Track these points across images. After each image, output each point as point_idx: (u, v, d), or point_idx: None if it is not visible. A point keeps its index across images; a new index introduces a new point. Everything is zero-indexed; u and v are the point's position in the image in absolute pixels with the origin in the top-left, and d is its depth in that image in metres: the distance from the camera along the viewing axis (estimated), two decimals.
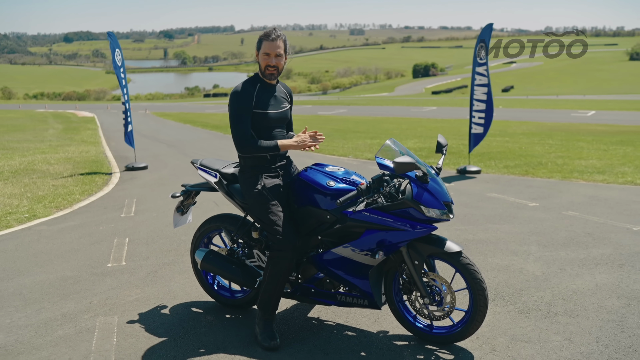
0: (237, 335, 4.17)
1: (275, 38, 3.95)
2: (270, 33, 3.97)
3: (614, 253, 5.80)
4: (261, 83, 4.05)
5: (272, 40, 3.95)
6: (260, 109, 3.97)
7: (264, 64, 3.99)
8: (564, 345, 3.82)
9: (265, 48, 3.95)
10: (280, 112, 4.11)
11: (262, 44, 3.97)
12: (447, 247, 3.69)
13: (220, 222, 4.56)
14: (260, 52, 4.00)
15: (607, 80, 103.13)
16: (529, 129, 22.65)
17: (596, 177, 10.31)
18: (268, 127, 4.03)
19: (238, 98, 3.93)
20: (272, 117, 4.03)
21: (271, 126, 4.04)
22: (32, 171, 12.28)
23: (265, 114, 3.98)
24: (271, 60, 3.96)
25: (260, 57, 4.01)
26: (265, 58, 3.97)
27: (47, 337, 4.17)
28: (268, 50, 3.95)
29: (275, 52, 3.95)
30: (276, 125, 4.08)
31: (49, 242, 6.76)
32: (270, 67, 3.98)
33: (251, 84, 4.03)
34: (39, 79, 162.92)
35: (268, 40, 3.95)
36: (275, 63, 3.97)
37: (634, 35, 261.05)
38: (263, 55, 3.98)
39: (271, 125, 4.04)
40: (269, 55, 3.96)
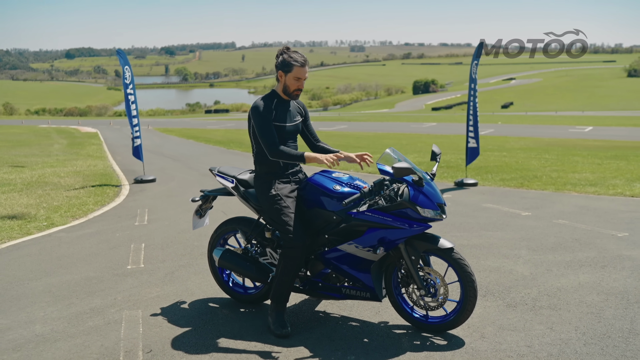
0: (252, 325, 4.62)
1: (305, 63, 4.40)
2: (300, 58, 4.39)
3: (597, 256, 6.24)
4: (278, 99, 4.49)
5: (302, 66, 4.38)
6: (278, 122, 4.43)
7: (294, 86, 4.43)
8: (546, 333, 4.26)
9: (297, 73, 4.38)
10: (295, 124, 4.57)
11: (294, 68, 4.37)
12: (440, 244, 4.15)
13: (236, 224, 5.02)
14: (290, 75, 4.39)
15: (605, 96, 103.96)
16: (526, 144, 23.15)
17: (588, 189, 10.76)
18: (283, 138, 4.48)
19: (261, 110, 4.36)
20: (288, 129, 4.50)
21: (286, 137, 4.50)
22: (44, 184, 12.73)
23: (283, 127, 4.45)
24: (302, 84, 4.43)
25: (289, 80, 4.41)
26: (296, 82, 4.41)
27: (79, 327, 4.62)
28: (299, 75, 4.39)
29: (305, 76, 4.42)
30: (289, 137, 4.54)
31: (70, 247, 7.21)
32: (298, 90, 4.46)
33: (269, 99, 4.46)
34: (40, 94, 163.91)
35: (299, 66, 4.37)
36: (302, 87, 4.45)
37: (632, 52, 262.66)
38: (294, 79, 4.40)
39: (286, 137, 4.50)
40: (299, 79, 4.41)
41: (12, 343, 4.34)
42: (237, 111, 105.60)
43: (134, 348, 4.21)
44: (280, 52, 4.49)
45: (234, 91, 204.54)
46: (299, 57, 4.40)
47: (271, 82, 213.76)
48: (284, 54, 4.46)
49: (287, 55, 4.42)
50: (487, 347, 4.05)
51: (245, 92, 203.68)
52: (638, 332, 4.23)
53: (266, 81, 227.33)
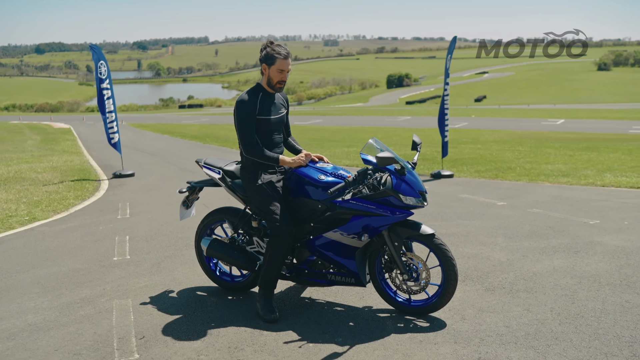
0: (240, 311, 4.76)
1: (288, 56, 4.54)
2: (286, 53, 4.53)
3: (571, 242, 6.48)
4: (263, 92, 4.63)
5: (285, 58, 4.52)
6: (262, 116, 4.56)
7: (277, 78, 4.56)
8: (523, 314, 4.47)
9: (280, 65, 4.51)
10: (279, 117, 4.72)
11: (277, 61, 4.50)
12: (422, 230, 4.33)
13: (223, 214, 5.15)
14: (273, 67, 4.52)
15: (576, 90, 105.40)
16: (500, 137, 23.51)
17: (560, 180, 11.05)
18: (268, 130, 4.64)
19: (244, 107, 4.50)
20: (273, 121, 4.64)
21: (271, 129, 4.66)
22: (21, 179, 12.70)
23: (268, 120, 4.59)
24: (285, 76, 4.56)
25: (272, 72, 4.54)
26: (279, 74, 4.54)
27: (71, 316, 4.72)
28: (282, 67, 4.52)
29: (288, 68, 4.56)
30: (275, 128, 4.70)
31: (54, 241, 7.28)
32: (282, 82, 4.59)
33: (254, 93, 4.59)
34: (10, 90, 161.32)
35: (282, 58, 4.50)
36: (286, 78, 4.59)
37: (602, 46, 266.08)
38: (277, 71, 4.53)
39: (271, 129, 4.66)
40: (282, 71, 4.54)
41: (6, 332, 4.43)
42: (211, 106, 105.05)
43: (126, 335, 4.33)
44: (264, 45, 4.62)
45: (207, 86, 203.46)
46: (282, 49, 4.54)
47: (245, 76, 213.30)
48: (267, 47, 4.58)
49: (271, 48, 4.56)
50: (467, 328, 4.25)
51: (219, 86, 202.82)
52: (609, 311, 4.46)
53: (240, 76, 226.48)
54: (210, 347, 4.10)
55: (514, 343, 3.97)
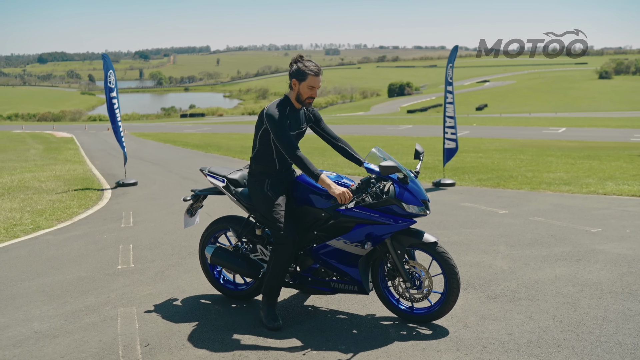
0: (244, 319, 4.80)
1: (319, 73, 4.52)
2: (314, 68, 4.49)
3: (572, 250, 6.51)
4: (290, 107, 4.62)
5: (317, 75, 4.49)
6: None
7: (307, 95, 4.53)
8: (525, 322, 4.50)
9: (312, 82, 4.49)
10: (300, 131, 4.74)
11: (308, 77, 4.47)
12: (424, 238, 4.37)
13: (227, 222, 5.19)
14: (304, 83, 4.49)
15: (577, 98, 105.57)
16: (501, 146, 23.57)
17: (562, 188, 11.09)
18: None
19: (278, 118, 4.46)
20: (294, 136, 4.64)
21: None
22: (25, 188, 12.75)
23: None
24: (315, 93, 4.56)
25: (303, 88, 4.51)
26: (309, 90, 4.52)
27: (77, 324, 4.75)
28: (313, 84, 4.50)
29: (319, 85, 4.55)
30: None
31: (59, 249, 7.32)
32: (311, 99, 4.57)
33: (283, 106, 4.56)
34: (12, 100, 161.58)
35: (314, 75, 4.47)
36: (315, 95, 4.58)
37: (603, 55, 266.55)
38: (308, 87, 4.50)
39: None
40: (313, 88, 4.52)
41: (12, 340, 4.47)
42: (213, 115, 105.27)
43: (131, 342, 4.36)
44: (295, 60, 4.59)
45: (209, 95, 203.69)
46: (313, 66, 4.51)
47: (246, 85, 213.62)
48: (298, 62, 4.55)
49: (302, 64, 4.52)
50: (470, 336, 4.28)
51: (221, 95, 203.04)
52: (611, 319, 4.49)
53: (241, 85, 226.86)
54: (214, 354, 4.14)
55: (516, 350, 3.99)
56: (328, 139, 4.95)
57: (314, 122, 4.88)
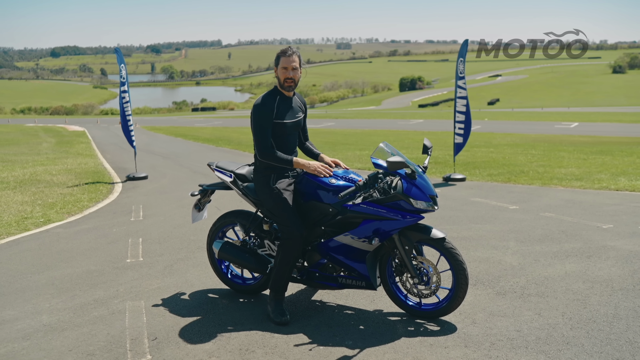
0: (252, 314, 4.80)
1: (291, 54, 4.62)
2: (287, 50, 4.64)
3: (583, 247, 6.46)
4: (280, 95, 4.69)
5: (288, 55, 4.61)
6: (279, 119, 4.62)
7: (283, 77, 4.63)
8: (534, 319, 4.47)
9: (283, 63, 4.60)
10: (296, 121, 4.77)
11: (280, 59, 4.62)
12: (432, 234, 4.34)
13: (234, 217, 5.19)
14: (278, 67, 4.64)
15: (591, 92, 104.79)
16: (513, 140, 23.45)
17: (574, 183, 11.02)
18: (284, 134, 4.69)
19: (261, 111, 4.58)
20: (289, 125, 4.70)
21: (287, 133, 4.72)
22: (36, 181, 12.82)
23: (284, 124, 4.65)
24: (289, 73, 4.61)
25: (279, 72, 4.65)
26: (284, 72, 4.62)
27: (85, 317, 4.77)
28: (285, 65, 4.60)
29: (292, 65, 4.61)
30: (290, 132, 4.75)
31: (69, 242, 7.35)
32: (289, 80, 4.63)
33: (272, 96, 4.67)
34: (26, 93, 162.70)
35: (285, 56, 4.61)
36: (292, 76, 4.63)
37: (617, 49, 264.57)
38: (281, 69, 4.62)
39: (287, 133, 4.72)
40: (286, 69, 4.60)
41: (22, 332, 4.49)
42: (224, 109, 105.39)
43: (139, 336, 4.37)
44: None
45: (220, 89, 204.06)
46: (286, 49, 4.66)
47: (257, 79, 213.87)
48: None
49: (280, 51, 4.68)
50: (478, 332, 4.25)
51: (232, 89, 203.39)
52: (621, 316, 4.44)
53: (252, 79, 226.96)
54: (221, 348, 4.14)
55: (524, 347, 3.97)
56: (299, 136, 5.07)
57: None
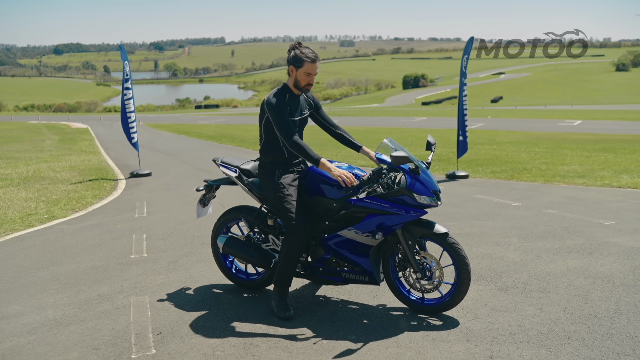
0: (256, 309, 4.83)
1: (316, 59, 4.59)
2: (314, 56, 4.57)
3: (585, 243, 6.48)
4: (289, 93, 4.68)
5: (313, 61, 4.56)
6: (289, 117, 4.61)
7: (305, 81, 4.60)
8: (536, 314, 4.49)
9: (308, 69, 4.56)
10: (302, 118, 4.79)
11: (305, 64, 4.54)
12: (435, 229, 4.37)
13: (239, 212, 5.22)
14: (301, 70, 4.56)
15: (594, 90, 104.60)
16: (516, 138, 23.43)
17: (576, 181, 11.03)
18: None
19: (277, 105, 4.53)
20: (296, 122, 4.71)
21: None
22: (40, 178, 12.86)
23: (292, 121, 4.65)
24: (312, 79, 4.61)
25: (300, 75, 4.58)
26: (307, 77, 4.58)
27: (90, 312, 4.81)
28: (310, 71, 4.57)
29: (316, 72, 4.61)
30: (299, 129, 4.75)
31: (73, 238, 7.39)
32: (309, 85, 4.63)
33: (282, 94, 4.63)
34: (28, 90, 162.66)
35: (310, 61, 4.55)
36: (313, 82, 4.64)
37: (620, 47, 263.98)
38: (304, 74, 4.57)
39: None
40: (310, 75, 4.58)
41: (27, 327, 4.53)
42: (227, 106, 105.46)
43: (144, 331, 4.41)
44: (292, 47, 4.66)
45: (223, 86, 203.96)
46: (310, 52, 4.57)
47: (261, 77, 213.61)
48: (295, 49, 4.62)
49: (299, 50, 4.59)
50: (480, 327, 4.28)
51: (235, 87, 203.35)
52: (622, 312, 4.47)
53: (256, 76, 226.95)
54: (225, 343, 4.17)
55: (526, 342, 4.00)
56: (327, 127, 5.01)
57: (314, 110, 4.93)
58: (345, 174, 4.38)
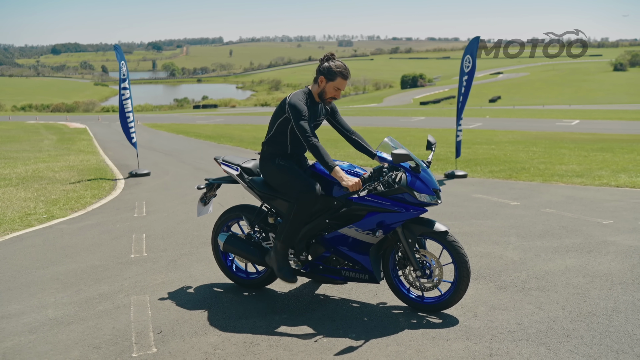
0: (256, 307, 4.85)
1: (348, 76, 4.62)
2: (345, 71, 4.58)
3: (584, 242, 6.51)
4: (311, 100, 4.69)
5: (345, 78, 4.59)
6: None
7: (332, 94, 4.63)
8: (535, 312, 4.52)
9: (339, 84, 4.59)
10: (317, 124, 4.82)
11: (337, 79, 4.57)
12: (435, 227, 4.40)
13: (240, 210, 5.24)
14: (331, 83, 4.59)
15: (592, 90, 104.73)
16: (514, 138, 23.46)
17: (575, 180, 11.05)
18: None
19: (301, 108, 4.50)
20: (311, 127, 4.68)
21: None
22: (39, 178, 12.87)
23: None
24: (339, 94, 4.65)
25: (329, 87, 4.61)
26: (335, 91, 4.62)
27: (90, 311, 4.82)
28: (340, 87, 4.60)
29: (345, 88, 4.64)
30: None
31: (72, 238, 7.40)
32: (334, 98, 4.67)
33: (304, 98, 4.63)
34: (26, 90, 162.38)
35: (343, 78, 4.58)
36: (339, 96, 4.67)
37: (618, 47, 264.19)
38: (334, 88, 4.60)
39: None
40: (339, 90, 4.62)
41: (28, 326, 4.54)
42: (226, 106, 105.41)
43: (144, 329, 4.42)
44: (326, 57, 4.67)
45: (221, 86, 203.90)
46: (344, 69, 4.59)
47: (259, 77, 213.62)
48: (330, 60, 4.62)
49: (334, 64, 4.60)
50: (479, 325, 4.30)
51: (233, 87, 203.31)
52: (621, 310, 4.49)
53: (254, 76, 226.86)
54: (226, 341, 4.19)
55: (525, 340, 4.02)
56: (342, 132, 5.02)
57: (330, 115, 4.96)
58: (357, 184, 4.34)
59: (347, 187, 4.34)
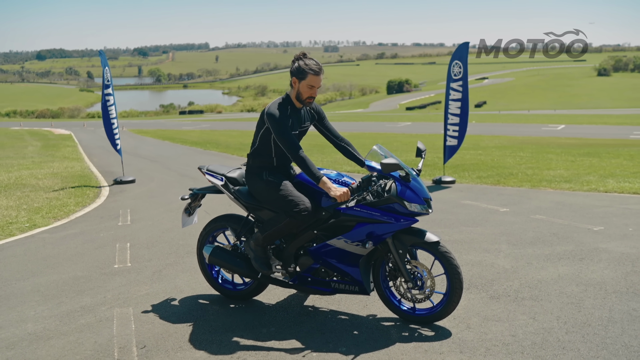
0: (243, 320, 4.71)
1: (320, 72, 4.43)
2: (315, 67, 4.40)
3: (575, 249, 6.43)
4: (291, 106, 4.53)
5: (317, 74, 4.41)
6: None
7: (307, 94, 4.45)
8: (529, 323, 4.41)
9: (312, 81, 4.40)
10: (302, 130, 4.67)
11: (308, 76, 4.39)
12: (427, 238, 4.28)
13: (225, 221, 5.10)
14: (304, 82, 4.41)
15: (576, 95, 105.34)
16: (501, 143, 23.49)
17: (563, 185, 11.00)
18: None
19: (279, 118, 4.37)
20: (295, 135, 4.57)
21: None
22: (22, 185, 12.65)
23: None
24: (315, 92, 4.47)
25: (302, 87, 4.43)
26: (309, 90, 4.43)
27: (71, 325, 4.67)
28: (313, 84, 4.41)
29: (319, 84, 4.45)
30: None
31: (55, 248, 7.23)
32: (311, 98, 4.49)
33: (284, 106, 4.48)
34: (11, 96, 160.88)
35: (314, 74, 4.39)
36: (315, 94, 4.49)
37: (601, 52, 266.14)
38: (307, 86, 4.42)
39: None
40: (313, 87, 4.43)
41: (5, 342, 4.38)
42: (212, 112, 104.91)
43: (127, 344, 4.28)
44: (297, 57, 4.51)
45: (208, 92, 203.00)
46: (313, 64, 4.42)
47: (245, 82, 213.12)
48: (300, 60, 4.47)
49: (303, 62, 4.44)
50: (473, 337, 4.19)
51: (219, 92, 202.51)
52: (616, 320, 4.40)
53: (240, 82, 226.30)
54: (212, 356, 4.05)
55: (520, 353, 3.91)
56: (330, 138, 4.86)
57: (317, 120, 4.80)
58: (345, 194, 4.23)
59: (335, 197, 4.22)
